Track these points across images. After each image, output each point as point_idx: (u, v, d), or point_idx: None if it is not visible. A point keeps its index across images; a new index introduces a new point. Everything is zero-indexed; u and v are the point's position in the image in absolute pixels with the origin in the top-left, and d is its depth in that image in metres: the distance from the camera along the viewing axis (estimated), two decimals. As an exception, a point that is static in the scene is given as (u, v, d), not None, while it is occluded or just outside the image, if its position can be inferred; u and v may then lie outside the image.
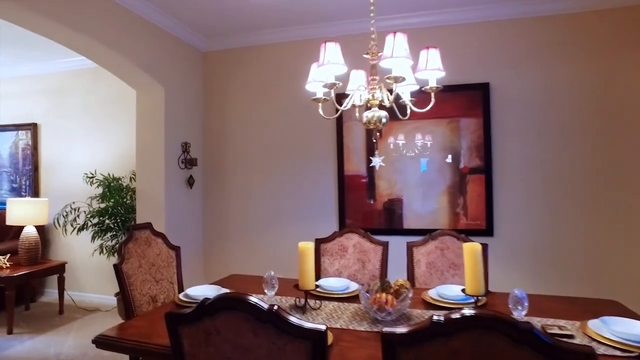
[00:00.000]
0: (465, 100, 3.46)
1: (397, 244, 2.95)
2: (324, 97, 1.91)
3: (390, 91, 1.84)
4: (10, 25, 3.72)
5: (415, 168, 3.54)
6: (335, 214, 3.68)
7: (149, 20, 3.33)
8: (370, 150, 3.62)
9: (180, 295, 2.11)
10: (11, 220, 3.94)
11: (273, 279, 2.02)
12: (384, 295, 1.84)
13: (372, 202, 3.63)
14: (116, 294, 4.00)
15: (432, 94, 1.80)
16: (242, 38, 3.92)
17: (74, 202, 3.93)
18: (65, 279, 4.28)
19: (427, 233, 3.44)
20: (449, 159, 3.49)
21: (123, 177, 4.09)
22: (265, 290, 2.03)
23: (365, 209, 3.64)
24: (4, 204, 5.00)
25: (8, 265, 3.93)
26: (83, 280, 4.60)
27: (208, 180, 4.04)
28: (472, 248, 1.76)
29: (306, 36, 3.75)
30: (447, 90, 3.43)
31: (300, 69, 3.74)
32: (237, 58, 4.00)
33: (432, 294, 2.16)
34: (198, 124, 3.99)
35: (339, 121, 3.69)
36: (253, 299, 1.14)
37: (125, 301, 2.06)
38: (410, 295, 1.84)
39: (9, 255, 4.01)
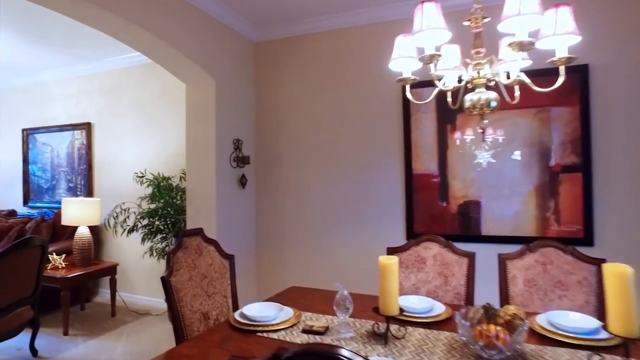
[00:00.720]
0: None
1: (478, 254, 2.49)
2: (412, 77, 1.51)
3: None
4: (67, 25, 3.65)
5: (496, 166, 3.06)
6: (401, 218, 3.28)
7: (198, 8, 3.08)
8: (443, 146, 3.18)
9: (236, 315, 1.80)
10: (66, 220, 3.87)
11: (346, 300, 1.67)
12: (492, 327, 1.43)
13: (444, 204, 3.18)
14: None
15: (562, 69, 1.36)
16: (296, 26, 3.60)
17: (123, 203, 3.78)
18: (117, 280, 4.17)
19: (510, 241, 2.98)
20: (517, 156, 2.99)
21: (173, 177, 3.90)
22: (338, 313, 1.68)
23: (436, 212, 3.20)
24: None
25: (64, 266, 3.86)
26: (134, 281, 4.49)
27: (261, 180, 3.76)
28: (619, 271, 1.31)
29: (369, 20, 3.37)
30: (534, 76, 2.90)
31: (362, 57, 3.37)
32: (290, 48, 3.68)
33: (542, 321, 1.72)
34: (250, 119, 3.72)
35: (406, 114, 3.27)
36: (347, 353, 0.78)
37: (174, 319, 1.78)
38: (527, 328, 1.42)
39: (64, 255, 3.94)
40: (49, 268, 3.79)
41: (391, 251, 2.34)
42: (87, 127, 4.84)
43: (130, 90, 4.57)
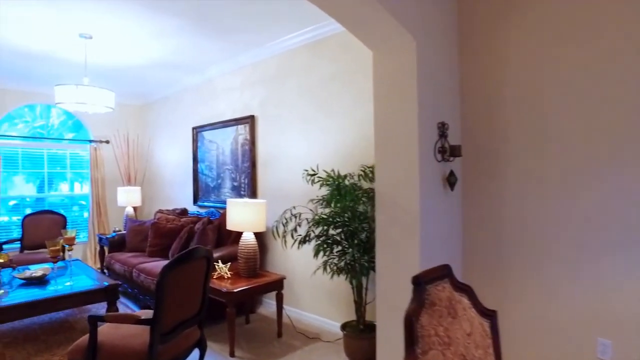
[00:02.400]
0: None
1: None
2: None
3: None
4: (233, 9, 3.27)
5: None
6: None
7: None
8: None
9: None
10: (231, 224, 3.47)
11: None
12: None
13: None
14: (343, 326, 3.10)
15: None
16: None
17: (294, 207, 3.17)
18: (283, 295, 3.65)
19: None
20: None
21: (351, 174, 3.16)
22: None
23: None
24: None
25: (229, 275, 3.48)
26: (301, 297, 3.94)
27: (470, 179, 2.74)
28: None
29: None
30: None
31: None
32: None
33: None
34: (455, 95, 2.73)
35: None
36: None
37: None
38: None
39: (229, 263, 3.57)
40: (214, 277, 3.45)
41: None
42: (250, 120, 4.50)
43: (296, 76, 4.03)
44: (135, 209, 6.44)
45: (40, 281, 3.67)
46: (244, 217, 3.38)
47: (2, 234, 5.90)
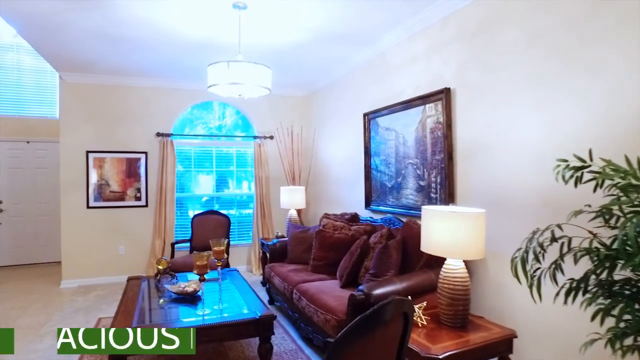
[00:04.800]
0: None
1: None
2: None
3: None
4: None
5: None
6: None
7: None
8: None
9: None
10: (430, 246, 2.40)
11: None
12: None
13: None
14: None
15: None
16: None
17: (559, 226, 1.86)
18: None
19: None
20: None
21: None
22: None
23: None
24: (413, 208, 3.77)
25: (424, 322, 2.42)
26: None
27: None
28: None
29: None
30: None
31: None
32: None
33: None
34: None
35: None
36: None
37: None
38: None
39: (425, 303, 2.50)
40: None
41: None
42: (443, 95, 3.36)
43: (518, 21, 2.74)
44: (299, 211, 5.95)
45: (192, 297, 3.26)
46: (451, 235, 2.26)
47: (180, 233, 6.09)
